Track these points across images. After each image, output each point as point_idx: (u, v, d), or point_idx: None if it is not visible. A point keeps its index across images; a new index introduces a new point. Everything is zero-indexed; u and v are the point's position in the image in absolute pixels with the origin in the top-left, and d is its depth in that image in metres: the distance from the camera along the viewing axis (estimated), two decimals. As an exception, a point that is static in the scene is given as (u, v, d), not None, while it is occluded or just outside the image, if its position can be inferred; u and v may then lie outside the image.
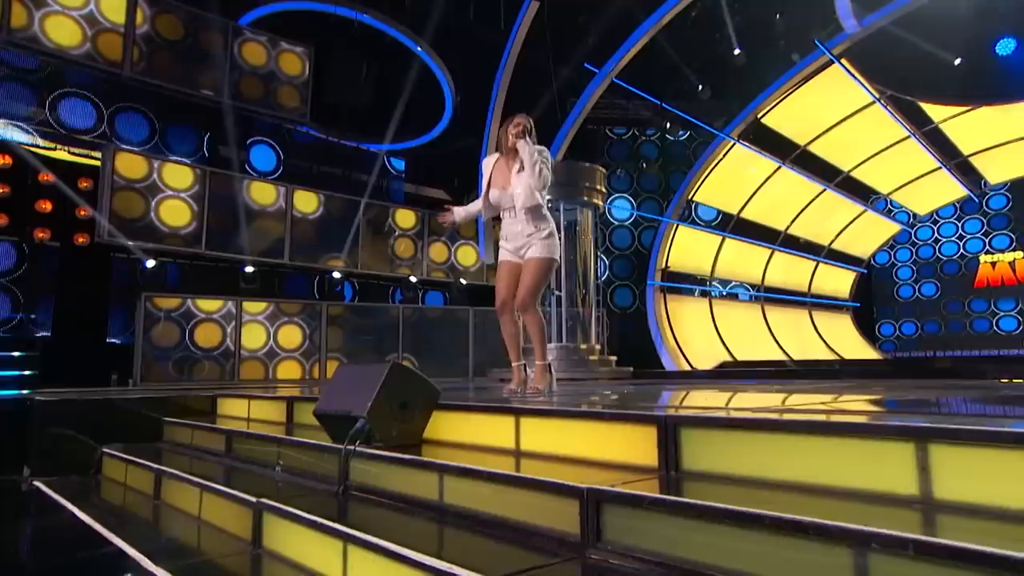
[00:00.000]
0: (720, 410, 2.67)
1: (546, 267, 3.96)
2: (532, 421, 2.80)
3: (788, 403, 3.22)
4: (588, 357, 10.39)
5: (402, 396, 3.19)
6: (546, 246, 3.95)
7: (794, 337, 14.80)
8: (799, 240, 15.44)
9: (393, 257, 11.99)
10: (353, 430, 3.04)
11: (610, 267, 14.73)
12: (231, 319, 9.99)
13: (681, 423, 2.25)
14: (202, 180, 10.07)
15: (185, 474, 3.44)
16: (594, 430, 2.53)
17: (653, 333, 13.44)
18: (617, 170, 14.65)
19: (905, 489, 1.73)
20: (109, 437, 4.74)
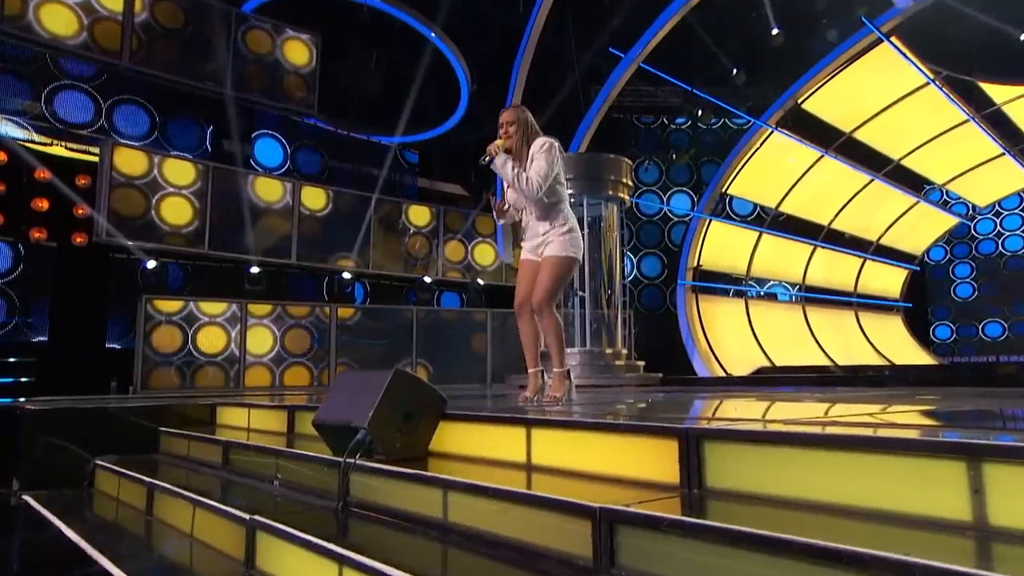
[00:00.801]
0: (750, 422, 2.59)
1: (563, 266, 3.92)
2: (544, 433, 2.75)
3: (830, 414, 3.13)
4: (614, 362, 10.35)
5: (406, 405, 3.16)
6: (563, 243, 3.92)
7: (838, 340, 14.57)
8: (844, 235, 15.20)
9: (406, 256, 12.02)
10: (353, 442, 3.01)
11: (637, 266, 14.64)
12: (236, 322, 10.05)
13: (704, 436, 2.19)
14: (205, 176, 10.14)
15: (178, 488, 3.44)
16: (610, 443, 2.47)
17: (684, 336, 13.33)
18: (645, 162, 14.54)
19: (955, 514, 1.65)
20: (103, 448, 4.77)
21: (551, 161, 3.87)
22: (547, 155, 3.86)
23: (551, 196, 3.93)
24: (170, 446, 4.80)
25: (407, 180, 13.50)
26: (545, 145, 3.89)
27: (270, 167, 11.92)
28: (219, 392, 9.57)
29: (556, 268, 3.92)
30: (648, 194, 14.72)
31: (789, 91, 13.13)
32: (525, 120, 3.98)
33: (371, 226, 11.61)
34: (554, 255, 3.92)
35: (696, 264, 13.80)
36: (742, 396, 5.34)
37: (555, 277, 3.92)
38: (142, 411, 5.16)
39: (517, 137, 3.93)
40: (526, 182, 3.85)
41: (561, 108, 12.18)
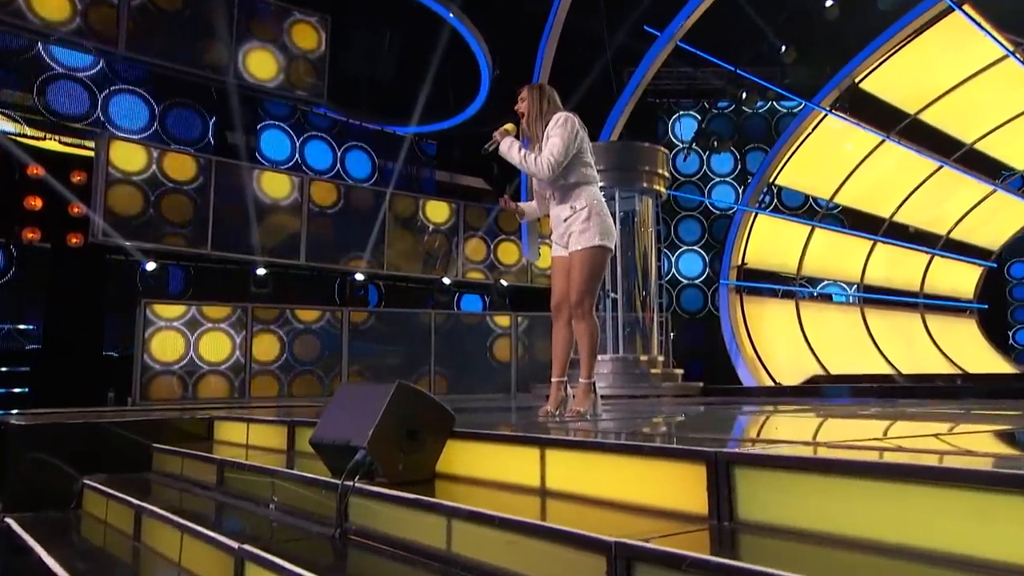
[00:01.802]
0: (792, 445, 2.50)
1: (592, 259, 3.85)
2: (559, 455, 2.68)
3: (889, 435, 3.02)
4: (649, 370, 10.27)
5: (410, 423, 3.11)
6: (587, 231, 3.85)
7: (902, 346, 14.30)
8: (908, 229, 14.92)
9: (424, 256, 12.05)
10: (351, 463, 2.97)
11: (676, 264, 14.57)
12: (241, 328, 10.12)
13: (735, 461, 2.10)
14: (207, 171, 10.24)
15: (166, 513, 3.43)
16: (631, 467, 2.40)
17: (728, 342, 13.18)
18: (684, 150, 14.42)
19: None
20: (93, 466, 4.80)
21: (567, 137, 3.78)
22: (561, 130, 3.79)
23: (569, 176, 3.86)
24: (163, 464, 4.82)
25: (424, 173, 13.52)
26: (560, 119, 3.82)
27: (277, 161, 12.01)
28: (224, 402, 9.65)
29: (586, 263, 3.85)
30: (687, 186, 14.66)
31: (845, 69, 12.94)
32: (539, 94, 3.93)
33: (386, 223, 11.64)
34: (580, 248, 3.86)
35: (741, 262, 13.65)
36: (791, 410, 5.23)
37: (587, 273, 3.86)
38: (135, 426, 5.19)
39: (529, 114, 3.89)
40: (535, 163, 3.79)
41: (591, 93, 12.10)
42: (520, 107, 3.95)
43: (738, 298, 13.57)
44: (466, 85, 13.10)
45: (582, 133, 3.90)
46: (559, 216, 3.95)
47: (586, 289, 3.88)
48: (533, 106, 3.91)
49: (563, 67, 12.03)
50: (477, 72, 13.06)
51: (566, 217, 3.91)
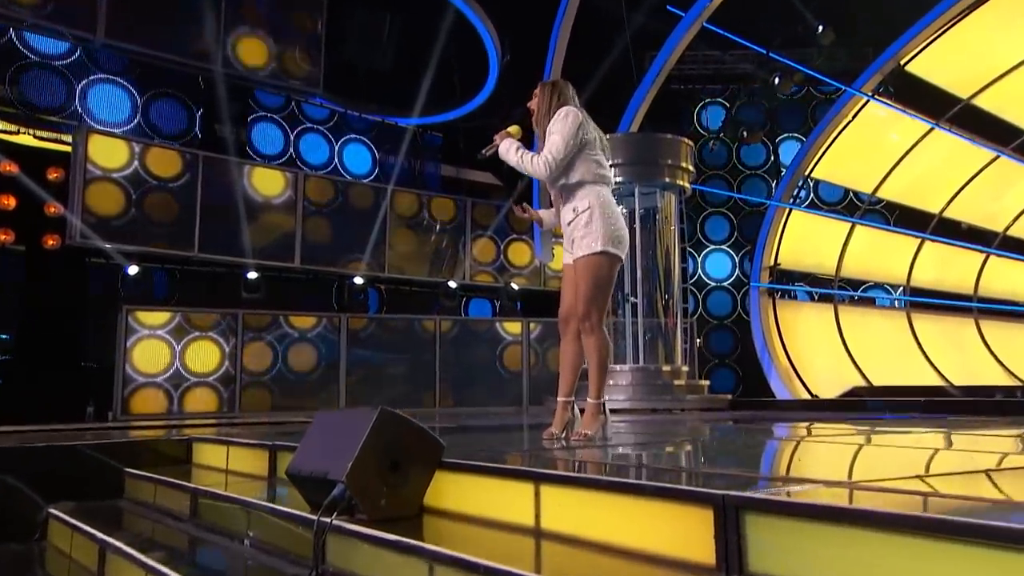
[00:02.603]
0: (816, 485, 2.42)
1: (596, 267, 3.81)
2: (555, 491, 2.62)
3: (933, 467, 2.93)
4: (672, 382, 10.25)
5: (393, 453, 3.05)
6: (587, 236, 3.81)
7: (954, 355, 14.08)
8: (960, 225, 14.67)
9: (429, 258, 12.09)
10: (328, 499, 2.91)
11: (702, 265, 14.47)
12: (231, 336, 10.17)
13: (746, 506, 2.02)
14: (194, 167, 10.26)
15: (131, 550, 3.39)
16: (632, 508, 2.33)
17: (759, 350, 13.05)
18: (710, 141, 14.35)
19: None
20: (60, 493, 4.76)
21: (567, 132, 3.76)
22: (561, 125, 3.78)
23: (571, 175, 3.84)
24: (136, 491, 4.78)
25: (429, 168, 13.52)
26: (560, 114, 3.81)
27: (269, 155, 12.03)
28: (212, 416, 9.74)
29: (589, 271, 3.82)
30: (715, 179, 14.55)
31: (889, 50, 12.73)
32: (550, 90, 3.94)
33: (387, 223, 11.68)
34: (582, 255, 3.84)
35: (773, 262, 13.53)
36: (824, 432, 5.13)
37: (591, 283, 3.82)
38: (107, 448, 5.16)
39: (538, 111, 3.91)
40: (531, 163, 3.78)
41: (609, 80, 12.04)
42: (531, 104, 3.96)
43: (770, 302, 13.47)
44: (473, 72, 13.09)
45: (587, 127, 3.88)
46: (564, 219, 3.95)
47: (592, 301, 3.84)
48: (542, 103, 3.92)
49: (579, 52, 11.98)
50: (485, 58, 13.05)
51: (569, 220, 3.90)
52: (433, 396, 11.29)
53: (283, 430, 6.40)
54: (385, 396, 10.86)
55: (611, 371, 10.48)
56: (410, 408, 10.89)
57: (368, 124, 12.97)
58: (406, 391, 11.18)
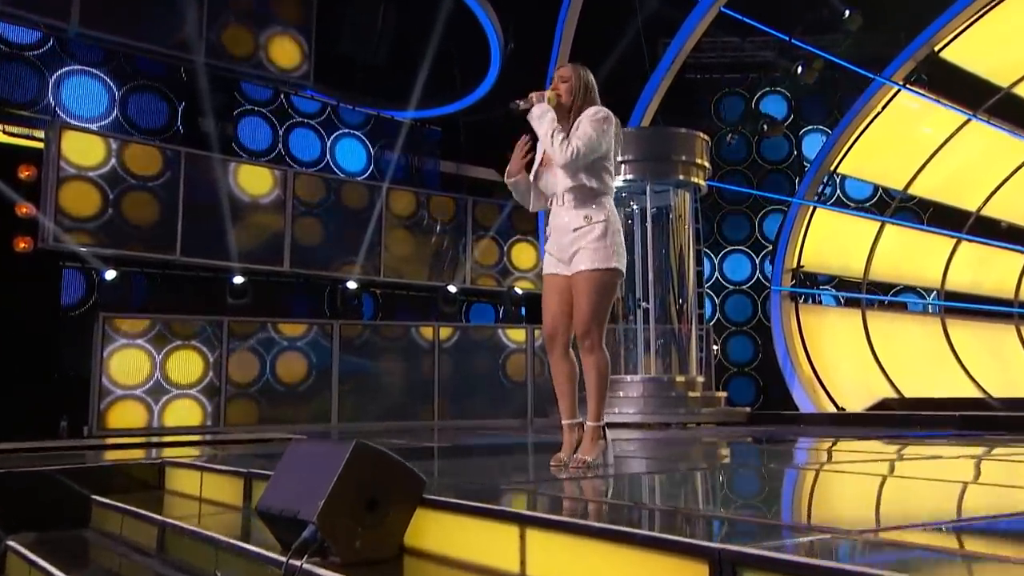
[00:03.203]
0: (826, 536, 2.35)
1: (604, 283, 3.82)
2: (541, 536, 2.56)
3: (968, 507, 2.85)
4: (687, 393, 10.25)
5: (369, 491, 2.98)
6: (600, 250, 3.82)
7: (993, 364, 13.98)
8: (1000, 224, 14.61)
9: (428, 260, 12.10)
10: (299, 541, 2.85)
11: (719, 267, 14.44)
12: (215, 345, 10.14)
13: (742, 562, 1.95)
14: (175, 165, 10.25)
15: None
16: (621, 557, 2.26)
17: (780, 358, 12.95)
18: (728, 135, 14.25)
19: None
20: (22, 523, 4.71)
21: (602, 133, 3.80)
22: (598, 124, 3.80)
23: (594, 178, 3.85)
24: (103, 521, 4.72)
25: (427, 165, 13.45)
26: (600, 113, 3.84)
27: (257, 152, 11.97)
28: (195, 431, 9.71)
29: (596, 287, 3.80)
30: (734, 175, 14.49)
31: (922, 36, 12.66)
32: (585, 81, 3.96)
33: (382, 223, 11.67)
34: (590, 268, 3.79)
35: (796, 264, 13.44)
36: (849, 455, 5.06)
37: (598, 300, 3.80)
38: (74, 473, 5.11)
39: (568, 97, 3.91)
40: (561, 143, 3.76)
41: (619, 69, 11.95)
42: (561, 87, 3.93)
43: (793, 306, 13.38)
44: (474, 61, 13.05)
45: (619, 137, 3.96)
46: (566, 224, 3.88)
47: (595, 319, 3.80)
48: (576, 89, 3.92)
49: (587, 39, 11.95)
50: (486, 45, 12.99)
51: (577, 227, 3.84)
52: (431, 408, 11.24)
53: (266, 450, 6.36)
54: (380, 408, 10.95)
55: (621, 382, 10.48)
56: (407, 421, 11.02)
57: (362, 118, 12.90)
58: (403, 403, 11.16)
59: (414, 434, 9.25)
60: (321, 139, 12.56)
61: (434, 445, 6.97)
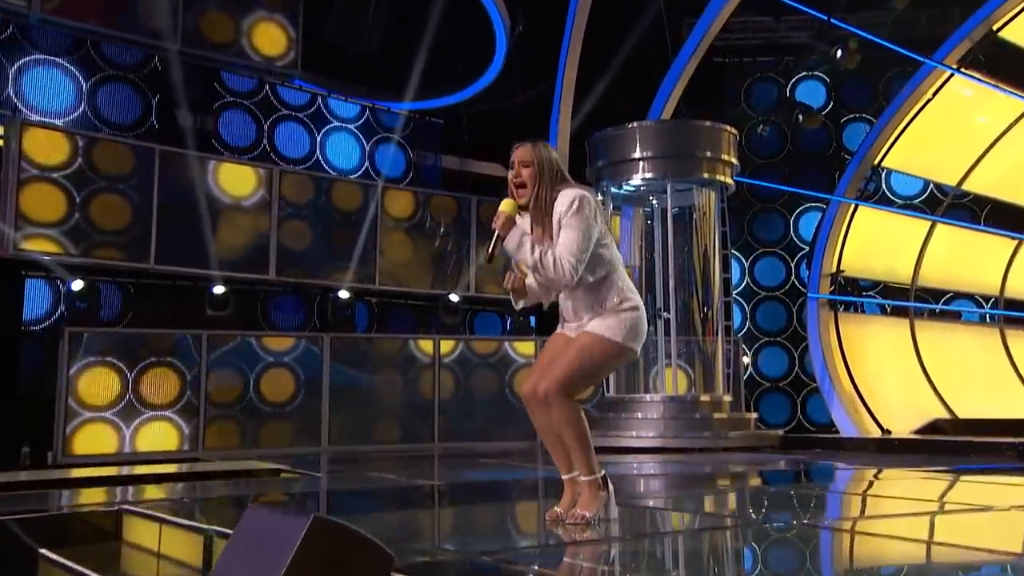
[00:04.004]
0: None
1: (604, 350, 3.83)
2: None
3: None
4: (712, 415, 10.30)
5: (330, 571, 2.87)
6: (620, 323, 3.83)
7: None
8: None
9: (427, 266, 12.04)
10: (245, 636, 2.74)
11: (750, 271, 14.39)
12: (193, 361, 10.11)
13: None
14: (149, 163, 10.18)
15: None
16: None
17: (818, 373, 12.85)
18: (759, 126, 14.17)
19: None
20: (-40, 579, 4.63)
21: (585, 228, 3.75)
22: (577, 218, 3.76)
23: (596, 269, 3.84)
24: (47, 579, 4.64)
25: (427, 160, 13.41)
26: (575, 203, 3.77)
27: (239, 148, 11.93)
28: (172, 457, 9.70)
29: (593, 351, 3.82)
30: (766, 170, 14.36)
31: (979, 13, 12.60)
32: (548, 161, 3.91)
33: (378, 225, 11.61)
34: (599, 333, 3.81)
35: (836, 269, 13.33)
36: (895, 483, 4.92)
37: (589, 362, 3.82)
38: (24, 522, 5.01)
39: (534, 186, 3.86)
40: (553, 266, 3.73)
41: (638, 54, 11.89)
42: (523, 173, 3.87)
43: (832, 315, 13.27)
44: (478, 46, 13.05)
45: (600, 215, 3.88)
46: (575, 312, 3.94)
47: (573, 377, 3.81)
48: (541, 175, 3.87)
49: (602, 19, 11.93)
50: (491, 29, 12.98)
51: (589, 317, 3.88)
52: (431, 429, 11.22)
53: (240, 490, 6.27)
54: (375, 429, 10.96)
55: (639, 401, 10.45)
56: (405, 444, 10.98)
57: (355, 110, 12.82)
58: (399, 424, 11.16)
59: (410, 462, 9.19)
60: (310, 134, 12.51)
61: (432, 483, 6.85)
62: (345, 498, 5.91)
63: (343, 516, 3.61)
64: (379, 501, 5.70)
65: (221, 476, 7.78)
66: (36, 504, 5.90)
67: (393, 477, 7.15)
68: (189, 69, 10.96)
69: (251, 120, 12.05)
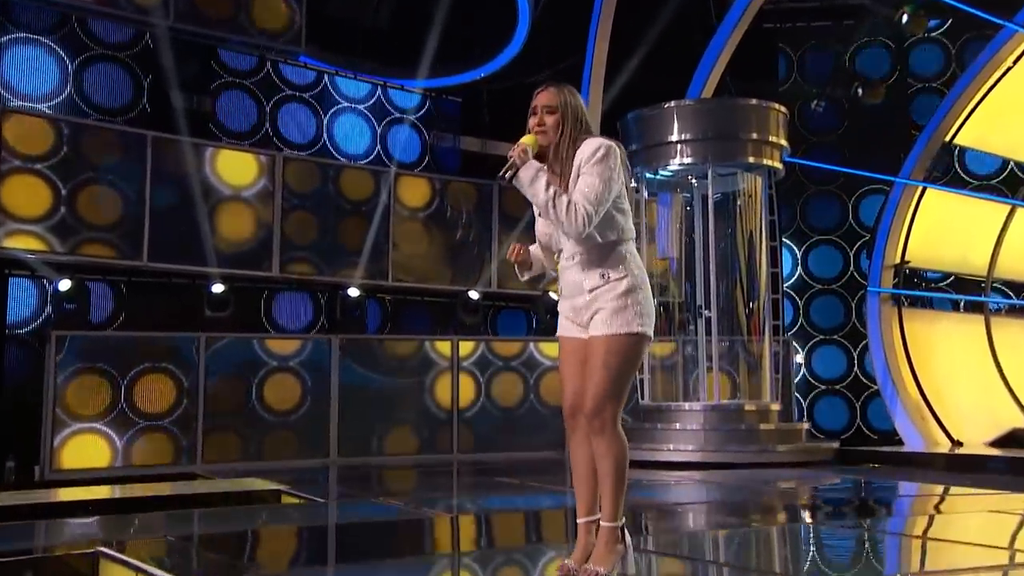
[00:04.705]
0: None
1: (628, 349, 3.78)
2: None
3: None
4: (758, 426, 10.20)
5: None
6: (620, 311, 3.77)
7: None
8: None
9: (445, 260, 12.04)
10: None
11: (803, 261, 14.23)
12: (190, 367, 10.13)
13: None
14: (141, 151, 10.18)
15: None
16: None
17: (879, 375, 12.64)
18: (814, 101, 14.03)
19: None
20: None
21: (608, 176, 3.72)
22: (601, 167, 3.72)
23: (605, 231, 3.80)
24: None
25: (444, 143, 13.39)
26: (600, 151, 3.74)
27: (239, 133, 11.93)
28: (169, 472, 9.68)
29: (617, 354, 3.75)
30: (821, 149, 14.22)
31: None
32: (574, 107, 3.87)
33: (390, 216, 11.60)
34: (608, 334, 3.74)
35: (901, 259, 13.12)
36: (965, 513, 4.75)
37: (617, 369, 3.76)
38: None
39: (556, 134, 3.83)
40: (567, 210, 3.69)
41: (677, 23, 11.75)
42: (547, 120, 3.83)
43: (895, 311, 13.06)
44: (499, 17, 12.88)
45: (624, 172, 3.86)
46: (579, 283, 3.84)
47: (611, 393, 3.74)
48: (564, 121, 3.83)
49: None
50: (513, 0, 12.87)
51: (592, 286, 3.79)
52: (450, 439, 11.25)
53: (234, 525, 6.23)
54: (389, 439, 10.99)
55: (678, 410, 10.40)
56: (422, 455, 11.00)
57: (365, 89, 12.82)
58: (416, 432, 11.17)
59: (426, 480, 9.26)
60: (316, 116, 12.51)
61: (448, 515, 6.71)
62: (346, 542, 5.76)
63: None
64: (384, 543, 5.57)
65: (215, 501, 7.75)
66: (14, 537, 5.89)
67: (403, 506, 7.04)
68: (183, 47, 10.93)
69: (251, 102, 12.06)
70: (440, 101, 13.49)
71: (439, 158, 13.23)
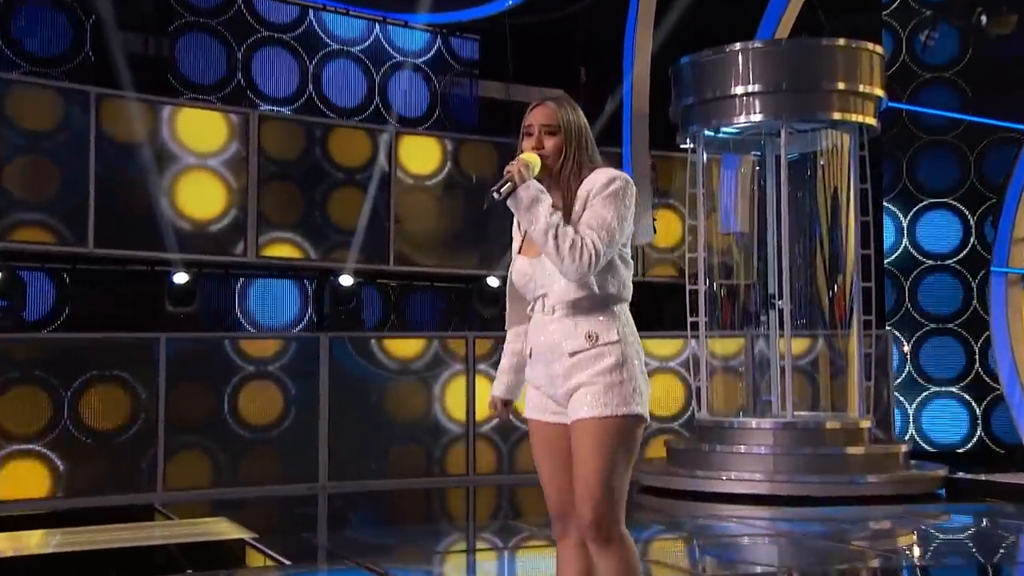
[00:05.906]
0: None
1: (621, 437, 3.61)
2: None
3: None
4: (844, 449, 9.97)
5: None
6: (614, 388, 3.60)
7: None
8: None
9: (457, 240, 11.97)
10: None
11: (909, 232, 13.67)
12: (148, 373, 9.97)
13: None
14: (83, 111, 10.09)
15: None
16: None
17: (1005, 374, 12.25)
18: (925, 31, 13.39)
19: None
20: None
21: (623, 215, 3.66)
22: (616, 201, 3.63)
23: (607, 282, 3.69)
24: None
25: (458, 93, 13.37)
26: (616, 182, 3.66)
27: (204, 87, 11.89)
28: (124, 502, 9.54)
29: (611, 443, 3.60)
30: (934, 89, 13.74)
31: None
32: (577, 127, 3.77)
33: (390, 186, 11.52)
34: (598, 416, 3.57)
35: (1035, 230, 13.02)
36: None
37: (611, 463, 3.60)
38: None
39: (559, 159, 3.71)
40: (571, 245, 3.53)
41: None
42: (545, 145, 3.71)
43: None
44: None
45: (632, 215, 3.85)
46: (558, 344, 3.68)
47: (611, 492, 3.59)
48: (569, 146, 3.72)
49: None
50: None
51: (576, 351, 3.63)
52: (464, 457, 11.11)
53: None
54: (390, 458, 10.85)
55: (742, 428, 10.20)
56: (429, 478, 10.80)
57: (359, 29, 12.77)
58: (422, 449, 11.04)
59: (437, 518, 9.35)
60: (299, 62, 12.42)
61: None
62: None
63: None
64: None
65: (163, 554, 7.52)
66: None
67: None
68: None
69: (220, 46, 11.98)
70: (452, 41, 13.46)
71: (451, 112, 13.26)
